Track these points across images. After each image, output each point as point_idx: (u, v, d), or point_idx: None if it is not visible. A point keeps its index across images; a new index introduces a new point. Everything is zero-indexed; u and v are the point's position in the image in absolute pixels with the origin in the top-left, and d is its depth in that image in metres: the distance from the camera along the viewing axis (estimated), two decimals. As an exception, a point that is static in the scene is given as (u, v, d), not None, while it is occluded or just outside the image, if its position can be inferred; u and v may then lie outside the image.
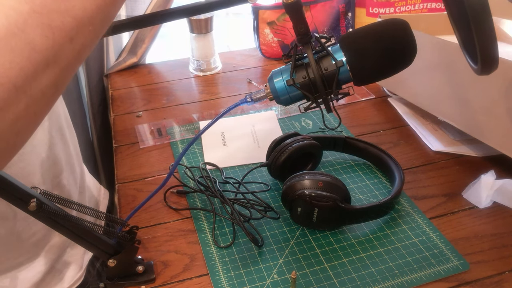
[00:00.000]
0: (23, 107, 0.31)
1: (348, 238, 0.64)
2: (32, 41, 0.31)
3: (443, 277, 0.58)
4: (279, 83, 0.56)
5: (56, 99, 0.35)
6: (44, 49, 0.31)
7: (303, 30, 0.53)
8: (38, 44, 0.31)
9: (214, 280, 0.59)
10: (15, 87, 0.30)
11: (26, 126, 0.33)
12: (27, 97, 0.31)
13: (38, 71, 0.31)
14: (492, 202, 0.69)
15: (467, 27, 0.46)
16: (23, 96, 0.31)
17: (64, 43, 0.32)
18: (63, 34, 0.32)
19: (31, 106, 0.32)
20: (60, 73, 0.33)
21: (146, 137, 0.88)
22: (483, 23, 0.43)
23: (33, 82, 0.31)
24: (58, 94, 0.35)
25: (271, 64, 1.15)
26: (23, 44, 0.30)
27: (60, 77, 0.33)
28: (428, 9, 1.10)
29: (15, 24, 0.30)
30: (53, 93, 0.34)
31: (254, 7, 1.12)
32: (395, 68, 0.54)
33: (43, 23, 0.31)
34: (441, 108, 0.80)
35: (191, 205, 0.71)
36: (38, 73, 0.31)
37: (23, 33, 0.30)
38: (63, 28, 0.32)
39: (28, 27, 0.30)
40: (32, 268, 0.61)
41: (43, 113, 0.35)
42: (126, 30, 0.62)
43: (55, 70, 0.32)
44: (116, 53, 1.16)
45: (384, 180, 0.74)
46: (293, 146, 0.70)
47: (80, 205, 0.50)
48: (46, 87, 0.32)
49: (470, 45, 0.49)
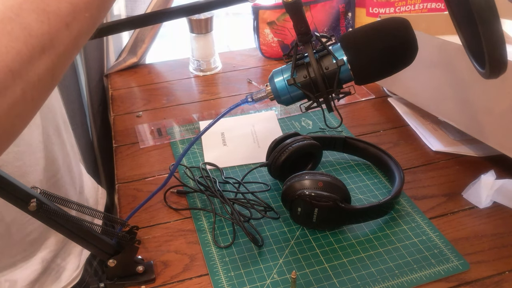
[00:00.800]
0: (20, 92, 0.31)
1: (348, 238, 0.64)
2: (28, 26, 0.31)
3: (443, 277, 0.58)
4: (280, 83, 0.56)
5: (53, 85, 0.36)
6: (40, 34, 0.31)
7: (304, 30, 0.53)
8: (34, 29, 0.31)
9: (214, 280, 0.59)
10: (11, 71, 0.30)
11: (23, 111, 0.33)
12: (24, 82, 0.31)
13: (34, 56, 0.31)
14: (492, 202, 0.69)
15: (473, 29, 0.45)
16: (19, 80, 0.31)
17: (60, 28, 0.32)
18: (58, 19, 0.32)
19: (28, 91, 0.32)
20: (57, 59, 0.33)
21: (146, 137, 0.88)
22: (491, 25, 0.42)
23: (29, 67, 0.31)
24: (55, 81, 0.35)
25: (271, 64, 1.15)
26: (19, 29, 0.30)
27: (57, 63, 0.34)
28: (428, 9, 1.10)
29: (11, 9, 0.30)
30: (49, 79, 0.34)
31: (254, 7, 1.12)
32: (396, 67, 0.54)
33: (38, 7, 0.31)
34: (441, 108, 0.79)
35: (191, 205, 0.71)
36: (34, 58, 0.31)
37: (19, 18, 0.30)
38: (59, 13, 0.32)
39: (24, 11, 0.31)
40: (28, 266, 0.61)
41: (41, 99, 0.35)
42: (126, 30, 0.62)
43: (51, 55, 0.33)
44: (116, 53, 1.16)
45: (384, 180, 0.74)
46: (293, 146, 0.70)
47: (79, 205, 0.50)
48: (43, 73, 0.33)
49: (477, 48, 0.47)
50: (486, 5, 0.41)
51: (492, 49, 0.44)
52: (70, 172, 0.68)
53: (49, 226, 0.49)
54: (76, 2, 0.33)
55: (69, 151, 0.68)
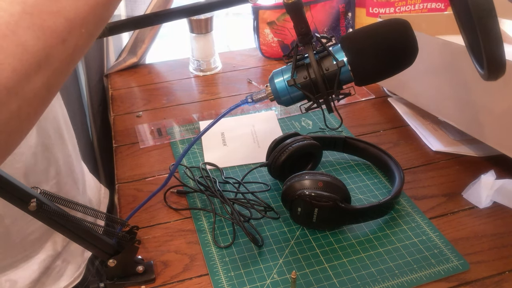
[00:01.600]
0: (15, 109, 0.31)
1: (348, 238, 0.64)
2: (24, 43, 0.30)
3: (443, 277, 0.58)
4: (280, 84, 0.56)
5: (49, 100, 0.35)
6: (35, 51, 0.31)
7: (304, 30, 0.53)
8: (30, 45, 0.31)
9: (214, 280, 0.59)
10: (6, 88, 0.30)
11: (19, 127, 0.33)
12: (19, 99, 0.31)
13: (30, 72, 0.31)
14: (492, 202, 0.69)
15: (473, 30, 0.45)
16: (15, 97, 0.31)
17: (56, 44, 0.32)
18: (55, 35, 0.32)
19: (24, 107, 0.32)
20: (53, 74, 0.33)
21: (146, 137, 0.88)
22: (488, 25, 0.42)
23: (25, 84, 0.31)
24: (52, 95, 0.35)
25: (271, 64, 1.15)
26: (15, 46, 0.30)
27: (53, 78, 0.33)
28: (428, 9, 1.10)
29: (6, 26, 0.30)
30: (46, 95, 0.34)
31: (254, 7, 1.12)
32: (396, 68, 0.54)
33: (35, 24, 0.31)
34: (441, 108, 0.80)
35: (191, 205, 0.71)
36: (30, 74, 0.31)
37: (15, 35, 0.30)
38: (55, 29, 0.32)
39: (20, 28, 0.30)
40: (29, 266, 0.61)
41: (37, 114, 0.35)
42: (126, 30, 0.62)
43: (47, 71, 0.32)
44: (116, 53, 1.16)
45: (384, 180, 0.74)
46: (293, 146, 0.70)
47: (79, 205, 0.50)
48: (39, 89, 0.32)
49: (478, 49, 0.47)
50: (484, 4, 0.41)
51: (490, 49, 0.43)
52: (72, 173, 0.68)
53: (49, 226, 0.49)
54: (72, 18, 0.33)
55: (71, 151, 0.68)
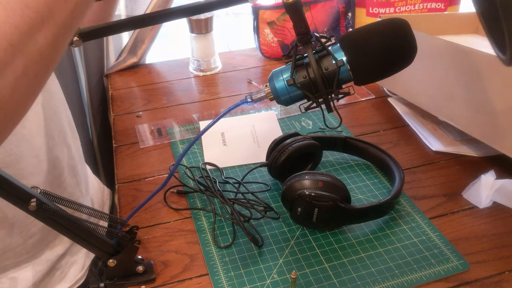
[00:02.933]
0: (22, 68, 0.31)
1: (348, 238, 0.64)
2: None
3: (443, 277, 0.58)
4: (280, 83, 0.56)
5: (55, 60, 0.35)
6: (36, 6, 0.31)
7: (303, 30, 0.53)
8: (31, 1, 0.31)
9: (214, 280, 0.59)
10: (11, 45, 0.30)
11: (26, 88, 0.32)
12: (25, 57, 0.31)
13: (33, 28, 0.31)
14: (492, 202, 0.69)
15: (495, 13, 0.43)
16: (20, 55, 0.30)
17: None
18: None
19: (30, 66, 0.31)
20: (57, 31, 0.33)
21: (146, 137, 0.88)
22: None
23: (29, 41, 0.31)
24: (57, 55, 0.35)
25: (271, 64, 1.15)
26: (15, 2, 0.30)
27: (57, 35, 0.33)
28: (428, 9, 1.10)
29: None
30: (51, 53, 0.33)
31: (254, 7, 1.12)
32: (395, 68, 0.54)
33: None
34: (441, 108, 0.79)
35: (191, 205, 0.71)
36: (33, 30, 0.31)
37: None
38: None
39: None
40: (32, 268, 0.61)
41: (44, 75, 0.34)
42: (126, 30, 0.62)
43: (50, 28, 0.32)
44: (116, 53, 1.16)
45: (384, 180, 0.74)
46: (293, 146, 0.70)
47: (79, 205, 0.50)
48: (43, 46, 0.32)
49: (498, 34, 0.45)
50: None
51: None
52: (76, 175, 0.68)
53: (49, 226, 0.49)
54: None
55: (75, 153, 0.68)
